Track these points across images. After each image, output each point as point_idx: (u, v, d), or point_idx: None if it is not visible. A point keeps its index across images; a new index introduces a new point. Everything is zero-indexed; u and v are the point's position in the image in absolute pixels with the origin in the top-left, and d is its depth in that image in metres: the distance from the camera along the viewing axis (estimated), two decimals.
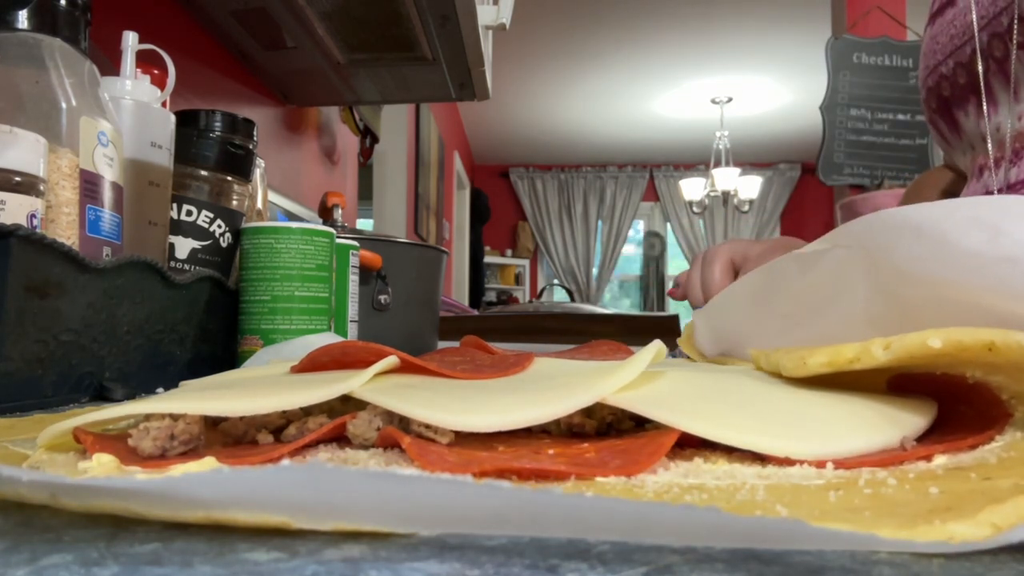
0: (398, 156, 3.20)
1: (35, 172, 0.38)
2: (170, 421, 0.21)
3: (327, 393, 0.23)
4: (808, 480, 0.19)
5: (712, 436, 0.20)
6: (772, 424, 0.21)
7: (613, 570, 0.13)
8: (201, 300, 0.54)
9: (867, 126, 2.86)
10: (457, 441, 0.22)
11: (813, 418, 0.22)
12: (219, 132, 0.63)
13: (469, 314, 1.46)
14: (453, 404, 0.21)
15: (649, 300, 6.35)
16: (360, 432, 0.22)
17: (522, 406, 0.21)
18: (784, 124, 5.32)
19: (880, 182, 2.73)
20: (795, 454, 0.20)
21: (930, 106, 0.65)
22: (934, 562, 0.13)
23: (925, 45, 0.66)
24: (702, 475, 0.19)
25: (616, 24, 3.84)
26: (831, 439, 0.20)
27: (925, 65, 0.65)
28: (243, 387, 0.24)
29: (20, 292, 0.35)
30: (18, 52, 0.41)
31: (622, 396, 0.22)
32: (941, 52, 0.61)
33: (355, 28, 1.19)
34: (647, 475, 0.19)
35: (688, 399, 0.23)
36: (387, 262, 0.78)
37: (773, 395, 0.24)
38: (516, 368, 0.29)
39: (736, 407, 0.22)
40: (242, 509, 0.14)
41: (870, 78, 2.85)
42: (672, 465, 0.20)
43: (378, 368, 0.25)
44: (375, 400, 0.23)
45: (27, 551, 0.14)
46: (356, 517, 0.14)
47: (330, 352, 0.29)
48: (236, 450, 0.22)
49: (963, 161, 0.65)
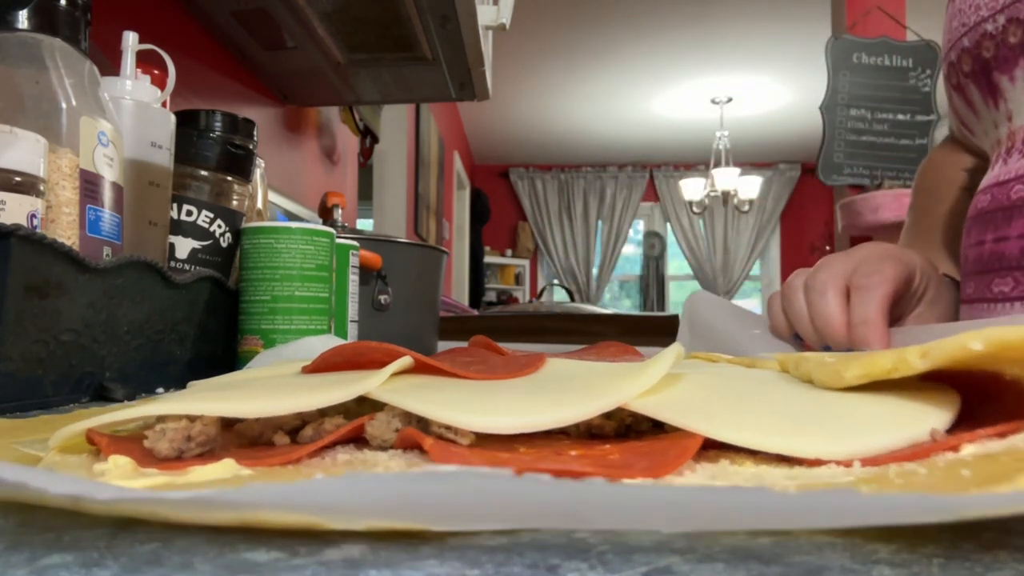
0: (398, 156, 3.20)
1: (35, 172, 0.38)
2: (186, 422, 0.21)
3: (345, 394, 0.23)
4: (837, 477, 0.19)
5: (739, 441, 0.20)
6: (798, 425, 0.21)
7: (613, 570, 0.13)
8: (201, 300, 0.54)
9: (867, 126, 2.86)
10: (477, 443, 0.21)
11: (839, 417, 0.21)
12: (219, 132, 0.63)
13: (469, 314, 1.46)
14: (474, 405, 0.21)
15: (649, 300, 6.35)
16: (379, 433, 0.22)
17: (546, 408, 0.21)
18: (784, 124, 5.32)
19: (880, 182, 2.73)
20: (824, 455, 0.19)
21: (960, 71, 0.58)
22: (934, 562, 0.13)
23: (960, 2, 0.59)
24: (731, 477, 0.19)
25: (616, 24, 3.84)
26: (859, 437, 0.20)
27: (961, 23, 0.58)
28: (258, 388, 0.24)
29: (20, 292, 0.35)
30: (18, 52, 0.41)
31: (645, 401, 0.22)
32: (988, 7, 0.55)
33: (355, 28, 1.19)
34: (674, 477, 0.19)
35: (711, 403, 0.22)
36: (387, 262, 0.78)
37: (795, 395, 0.24)
38: (530, 369, 0.29)
39: (760, 409, 0.22)
40: (275, 511, 0.14)
41: (870, 78, 2.85)
42: (698, 467, 0.20)
43: (394, 368, 0.25)
44: (394, 401, 0.22)
45: (27, 551, 0.14)
46: (391, 516, 0.14)
47: (343, 352, 0.29)
48: (253, 451, 0.22)
49: (990, 136, 0.60)
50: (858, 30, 2.92)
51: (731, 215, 6.13)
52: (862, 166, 2.84)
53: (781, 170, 6.24)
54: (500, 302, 5.50)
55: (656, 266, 6.41)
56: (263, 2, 1.07)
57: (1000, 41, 0.54)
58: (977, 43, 0.56)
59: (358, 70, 1.35)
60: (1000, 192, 0.55)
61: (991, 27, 0.54)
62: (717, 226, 6.25)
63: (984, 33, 0.55)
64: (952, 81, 0.61)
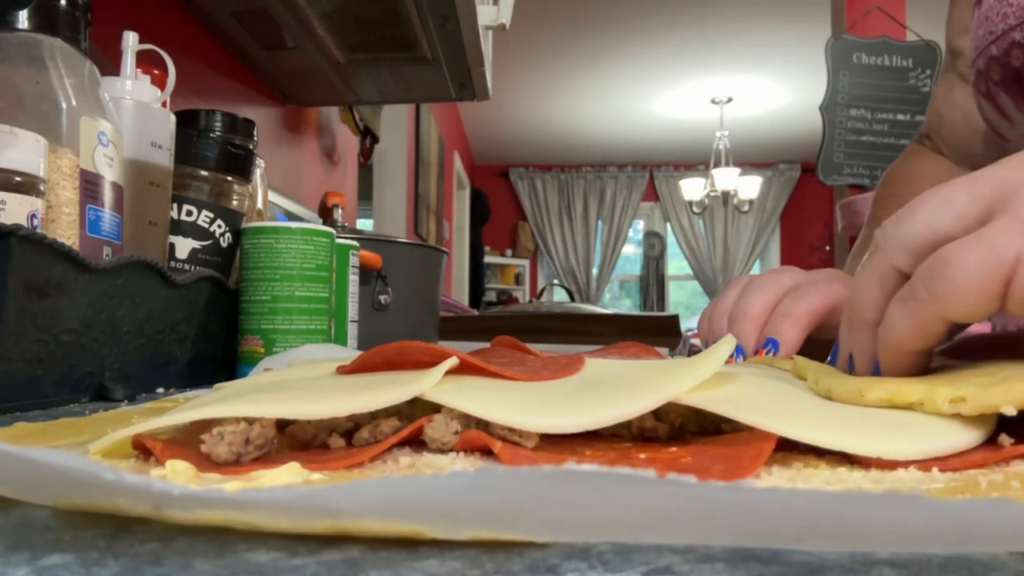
0: (398, 156, 3.20)
1: (35, 172, 0.38)
2: (245, 425, 0.20)
3: (402, 394, 0.22)
4: (923, 484, 0.18)
5: (817, 441, 0.19)
6: (866, 426, 0.20)
7: (613, 570, 0.13)
8: (201, 300, 0.54)
9: (867, 126, 2.86)
10: (540, 445, 0.21)
11: (900, 418, 0.21)
12: (219, 132, 0.63)
13: (469, 314, 1.46)
14: (533, 406, 0.21)
15: (649, 300, 6.35)
16: (438, 436, 0.22)
17: (607, 404, 0.20)
18: (784, 124, 5.32)
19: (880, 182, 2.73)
20: (906, 456, 0.19)
21: (989, 79, 0.56)
22: (934, 562, 0.13)
23: (987, 9, 0.57)
24: (811, 480, 0.18)
25: (616, 24, 3.84)
26: (930, 438, 0.19)
27: (988, 31, 0.56)
28: (308, 389, 0.23)
29: (20, 292, 0.35)
30: (18, 52, 0.41)
31: (707, 395, 0.21)
32: (1015, 16, 0.53)
33: (355, 28, 1.19)
34: (752, 480, 0.18)
35: (773, 402, 0.22)
36: (387, 262, 0.78)
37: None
38: (571, 369, 0.28)
39: (822, 410, 0.22)
40: (375, 518, 0.14)
41: (870, 78, 2.85)
42: (772, 470, 0.19)
43: (445, 368, 0.24)
44: (453, 403, 0.22)
45: (27, 551, 0.14)
46: (506, 525, 0.13)
47: (383, 353, 0.28)
48: (309, 454, 0.21)
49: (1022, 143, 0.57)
50: (858, 30, 2.93)
51: (731, 215, 6.13)
52: (862, 166, 2.84)
53: (781, 170, 6.24)
54: (500, 302, 5.50)
55: (656, 266, 6.41)
56: (263, 2, 1.07)
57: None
58: (1006, 51, 0.55)
59: (358, 70, 1.35)
60: None
61: (1019, 36, 0.52)
62: (717, 226, 6.25)
63: (1013, 42, 0.54)
64: (981, 89, 0.59)
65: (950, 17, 0.70)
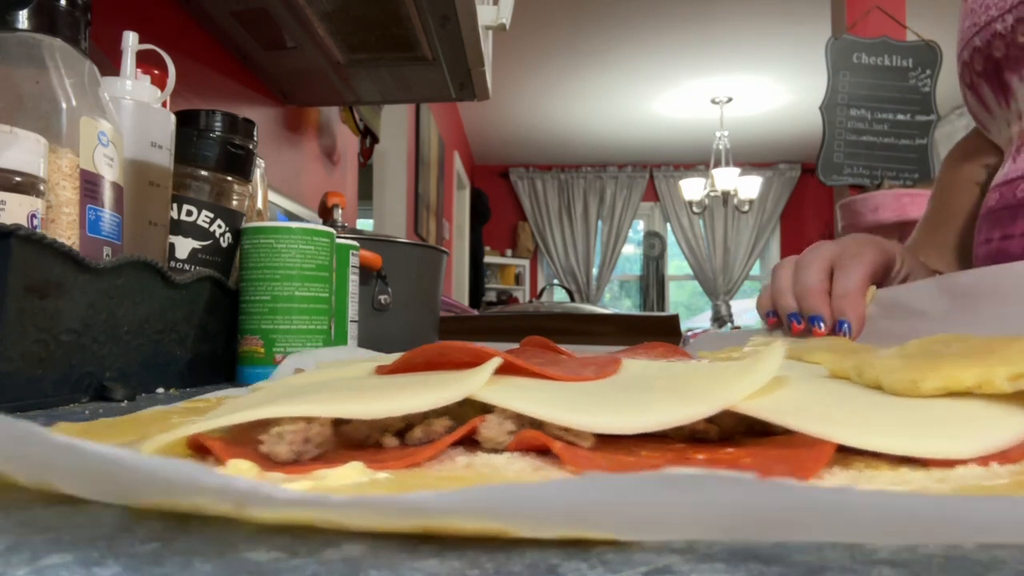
0: (398, 156, 3.20)
1: (35, 172, 0.38)
2: (303, 425, 0.20)
3: (456, 393, 0.22)
4: (989, 480, 0.18)
5: (881, 448, 0.19)
6: (926, 426, 0.20)
7: (613, 570, 0.13)
8: (201, 300, 0.54)
9: (867, 126, 2.86)
10: (596, 446, 0.21)
11: (955, 412, 0.21)
12: (219, 132, 0.63)
13: (469, 314, 1.46)
14: (587, 406, 0.20)
15: (649, 300, 6.35)
16: (492, 436, 0.22)
17: (670, 406, 0.20)
18: (784, 124, 5.32)
19: (880, 182, 2.73)
20: (967, 454, 0.19)
21: (973, 70, 0.59)
22: (934, 562, 0.13)
23: (972, 1, 0.59)
24: (875, 481, 0.18)
25: (616, 24, 3.84)
26: (987, 432, 0.19)
27: (972, 23, 0.58)
28: (361, 389, 0.23)
29: (20, 292, 0.35)
30: (18, 52, 0.41)
31: (770, 408, 0.21)
32: (996, 7, 0.55)
33: (355, 28, 1.19)
34: (816, 482, 0.18)
35: (828, 407, 0.22)
36: (387, 262, 0.78)
37: (884, 398, 0.23)
38: (610, 370, 0.28)
39: (881, 412, 0.21)
40: (463, 517, 0.14)
41: (870, 78, 2.85)
42: (835, 471, 0.19)
43: (492, 368, 0.24)
44: (505, 403, 0.22)
45: (27, 551, 0.14)
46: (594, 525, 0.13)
47: (425, 353, 0.28)
48: (367, 453, 0.21)
49: (1003, 134, 0.60)
50: (858, 30, 2.92)
51: (731, 215, 6.13)
52: (862, 166, 2.84)
53: (781, 170, 6.24)
54: (500, 302, 5.50)
55: (656, 266, 6.41)
56: (263, 2, 1.07)
57: (1010, 41, 0.54)
58: (988, 42, 0.56)
59: (358, 70, 1.35)
60: (1008, 190, 0.55)
61: (1000, 27, 0.55)
62: (717, 226, 6.25)
63: (994, 32, 0.55)
64: (966, 80, 0.61)
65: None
